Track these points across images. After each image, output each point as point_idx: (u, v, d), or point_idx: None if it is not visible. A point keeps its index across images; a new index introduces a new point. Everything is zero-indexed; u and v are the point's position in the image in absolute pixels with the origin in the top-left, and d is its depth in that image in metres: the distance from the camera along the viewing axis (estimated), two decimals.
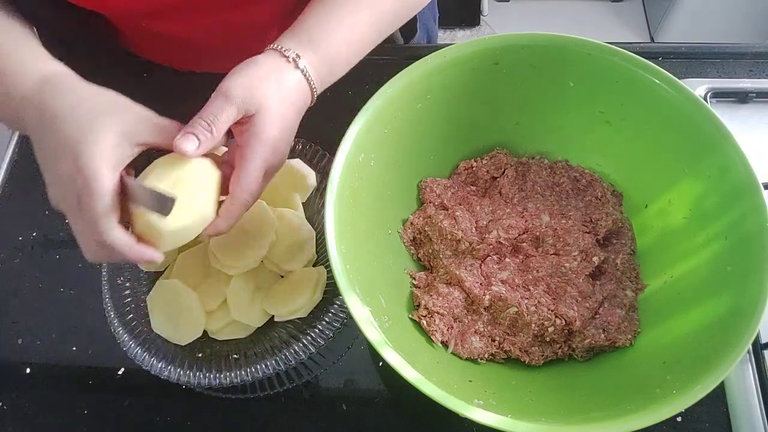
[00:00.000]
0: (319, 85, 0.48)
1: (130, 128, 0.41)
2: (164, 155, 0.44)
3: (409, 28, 0.80)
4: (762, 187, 0.44)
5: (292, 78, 0.46)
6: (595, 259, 0.51)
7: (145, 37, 0.66)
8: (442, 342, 0.49)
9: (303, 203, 0.59)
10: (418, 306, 0.51)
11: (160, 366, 0.49)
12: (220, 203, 0.45)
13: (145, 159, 0.44)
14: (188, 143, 0.41)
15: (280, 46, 0.46)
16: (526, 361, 0.49)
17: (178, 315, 0.51)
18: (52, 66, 0.46)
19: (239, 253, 0.52)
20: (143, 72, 0.71)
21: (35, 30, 0.51)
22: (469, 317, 0.50)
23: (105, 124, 0.40)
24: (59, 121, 0.40)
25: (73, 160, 0.39)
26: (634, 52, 0.49)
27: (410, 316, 0.50)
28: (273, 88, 0.44)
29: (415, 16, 0.80)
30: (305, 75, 0.46)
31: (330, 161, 0.47)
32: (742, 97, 0.66)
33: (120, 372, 0.56)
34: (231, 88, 0.43)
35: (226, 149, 0.47)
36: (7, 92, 0.44)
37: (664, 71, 0.48)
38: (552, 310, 0.49)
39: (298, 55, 0.46)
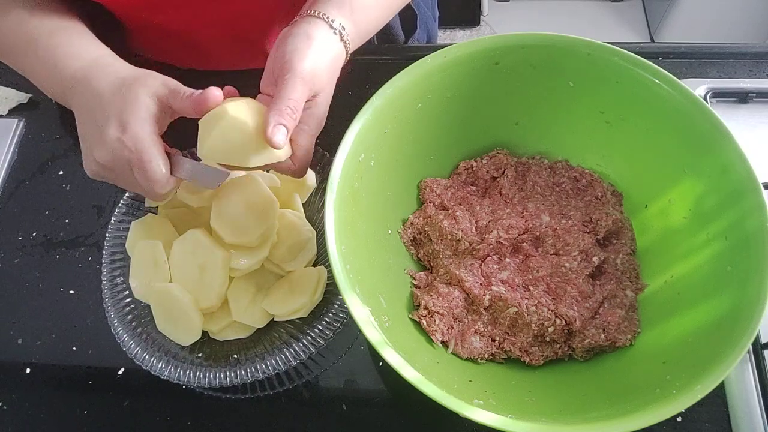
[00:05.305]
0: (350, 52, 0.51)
1: (157, 90, 0.46)
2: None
3: (409, 24, 0.80)
4: (762, 187, 0.44)
5: (340, 54, 0.49)
6: (595, 259, 0.51)
7: (146, 33, 0.66)
8: (442, 342, 0.49)
9: (303, 203, 0.59)
10: (418, 306, 0.51)
11: (160, 366, 0.49)
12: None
13: None
14: (280, 135, 0.43)
15: (326, 16, 0.48)
16: (526, 361, 0.49)
17: (176, 319, 0.51)
18: (98, 51, 0.52)
19: (240, 255, 0.52)
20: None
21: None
22: (469, 317, 0.50)
23: (139, 93, 0.45)
24: (106, 96, 0.46)
25: (122, 127, 0.44)
26: (634, 52, 0.49)
27: (410, 316, 0.50)
28: (331, 70, 0.48)
29: (416, 13, 0.80)
30: (347, 48, 0.50)
31: (330, 161, 0.47)
32: (742, 97, 0.66)
33: (120, 372, 0.56)
34: (307, 71, 0.45)
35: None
36: (57, 69, 0.50)
37: (664, 71, 0.48)
38: (552, 310, 0.49)
39: (343, 27, 0.48)
